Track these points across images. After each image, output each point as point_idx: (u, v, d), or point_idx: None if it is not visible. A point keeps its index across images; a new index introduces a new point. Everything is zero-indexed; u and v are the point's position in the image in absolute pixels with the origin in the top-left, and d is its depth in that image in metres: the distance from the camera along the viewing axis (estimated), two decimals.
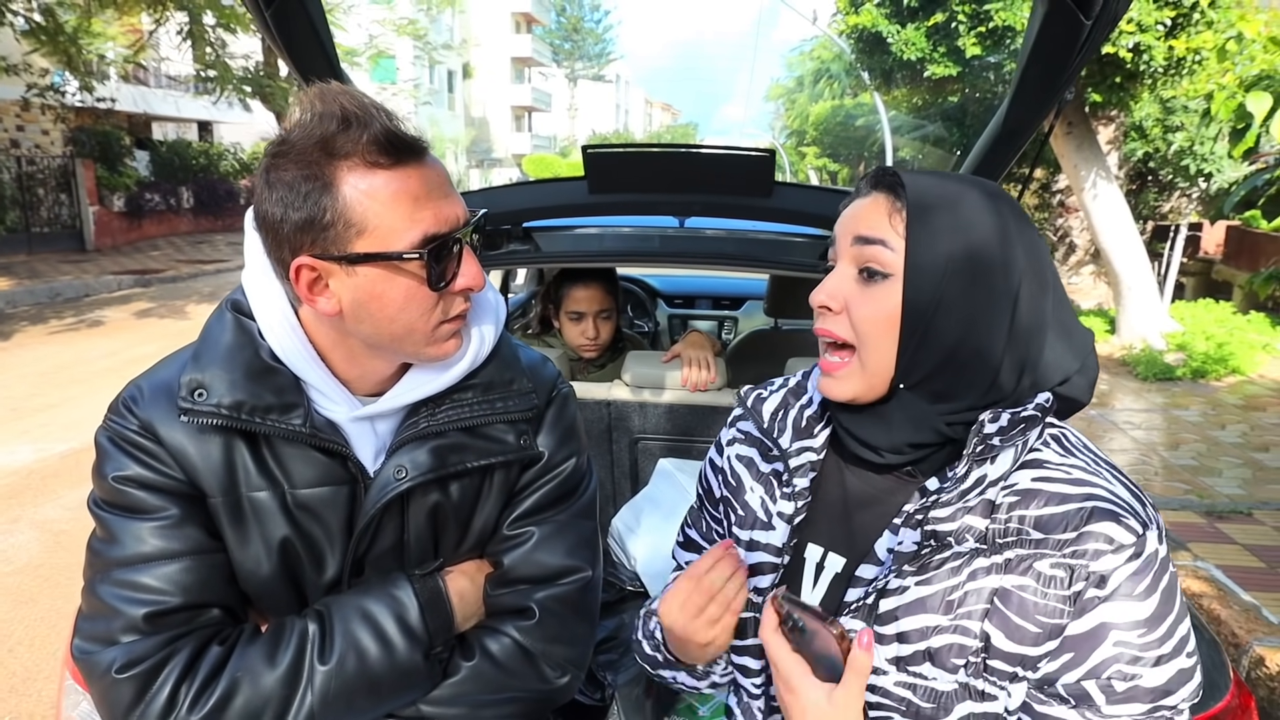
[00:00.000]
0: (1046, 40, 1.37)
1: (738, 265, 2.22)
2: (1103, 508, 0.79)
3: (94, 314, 10.50)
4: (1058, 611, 0.79)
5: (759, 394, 1.08)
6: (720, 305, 4.54)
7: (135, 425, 0.97)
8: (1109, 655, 0.78)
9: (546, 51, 49.89)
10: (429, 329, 0.96)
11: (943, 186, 0.86)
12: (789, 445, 1.00)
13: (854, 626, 0.87)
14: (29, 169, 14.96)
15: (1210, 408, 6.41)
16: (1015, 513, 0.82)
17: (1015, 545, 0.81)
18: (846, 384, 0.89)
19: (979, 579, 0.82)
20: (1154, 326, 8.24)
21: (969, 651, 0.82)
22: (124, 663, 0.90)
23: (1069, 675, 0.79)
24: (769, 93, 48.08)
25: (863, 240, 0.87)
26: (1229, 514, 4.24)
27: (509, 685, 1.05)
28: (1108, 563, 0.77)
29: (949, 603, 0.83)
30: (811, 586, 0.96)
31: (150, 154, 18.55)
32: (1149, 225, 10.97)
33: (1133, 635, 0.77)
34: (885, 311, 0.85)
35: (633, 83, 71.69)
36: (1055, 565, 0.79)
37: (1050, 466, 0.84)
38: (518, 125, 47.74)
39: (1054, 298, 0.87)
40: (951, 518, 0.83)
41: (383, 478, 1.01)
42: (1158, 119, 9.20)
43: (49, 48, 12.20)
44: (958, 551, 0.83)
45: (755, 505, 1.02)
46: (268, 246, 0.94)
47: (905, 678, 0.85)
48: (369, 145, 0.88)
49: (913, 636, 0.84)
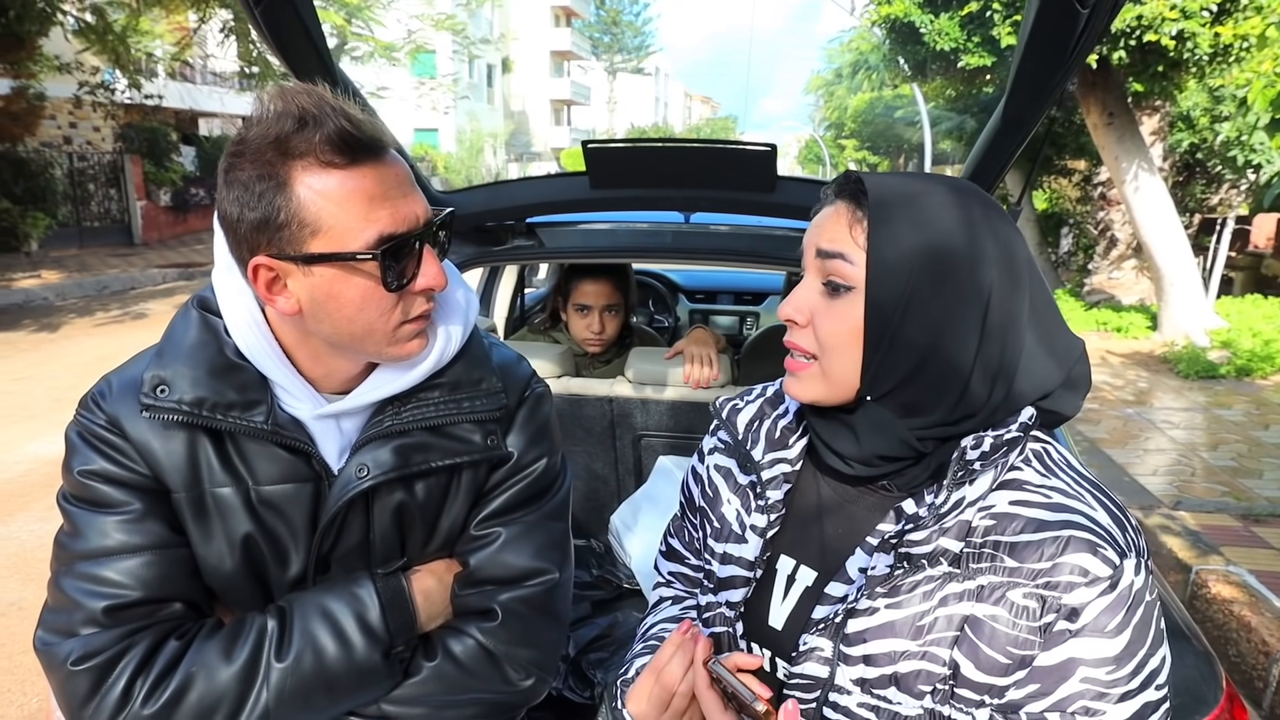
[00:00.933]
0: (1043, 31, 1.33)
1: (744, 261, 2.20)
2: (1079, 537, 0.77)
3: (138, 306, 10.78)
4: (1027, 643, 0.78)
5: (734, 404, 1.06)
6: (742, 300, 4.50)
7: (102, 420, 0.98)
8: (1075, 690, 0.76)
9: (586, 45, 49.95)
10: (389, 329, 0.96)
11: (905, 190, 0.83)
12: (761, 458, 0.98)
13: (820, 645, 0.86)
14: (80, 165, 15.38)
15: (1254, 407, 6.21)
16: (990, 537, 0.81)
17: (989, 572, 0.80)
18: (808, 386, 0.88)
19: (950, 605, 0.80)
20: (1198, 322, 8.00)
21: (936, 678, 0.81)
22: (81, 655, 0.91)
23: (1034, 705, 0.78)
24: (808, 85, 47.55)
25: (823, 254, 0.85)
26: (1267, 517, 4.10)
27: (471, 686, 1.05)
28: (1080, 596, 0.76)
29: (918, 628, 0.81)
30: (782, 599, 0.94)
31: (196, 150, 18.99)
32: (1195, 218, 10.65)
33: (1100, 672, 0.76)
34: (848, 325, 0.83)
35: (672, 75, 71.48)
36: (1028, 595, 0.77)
37: (1029, 489, 0.82)
38: (557, 119, 47.87)
39: (1033, 303, 0.84)
40: (926, 540, 0.82)
41: (345, 476, 1.01)
42: (1205, 109, 8.92)
43: (99, 46, 12.52)
44: (930, 575, 0.82)
45: (730, 517, 1.01)
46: (230, 245, 0.95)
47: (869, 699, 0.84)
48: (323, 144, 0.87)
49: (879, 660, 0.83)
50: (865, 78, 29.09)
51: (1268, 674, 2.88)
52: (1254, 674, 2.94)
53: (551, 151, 44.42)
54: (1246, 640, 3.03)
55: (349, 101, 0.91)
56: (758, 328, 4.28)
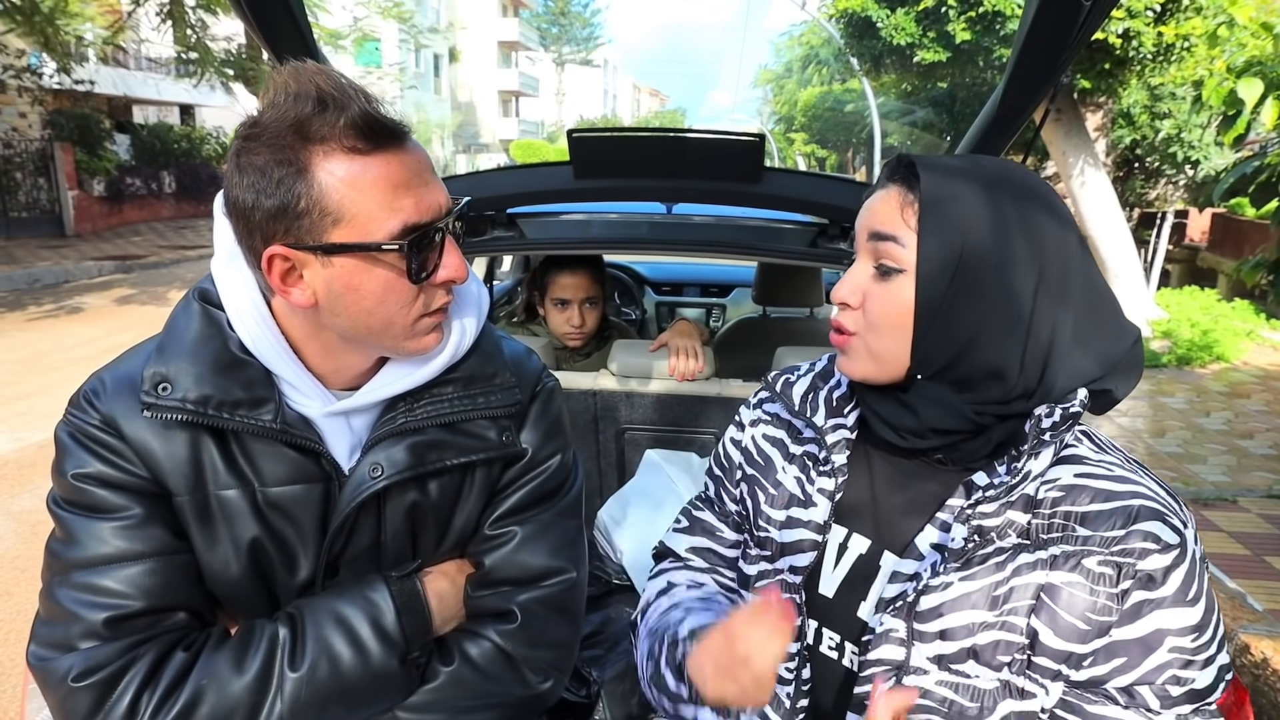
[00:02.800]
0: (1044, 21, 1.34)
1: (726, 252, 2.18)
2: (1149, 506, 0.79)
3: (73, 300, 10.35)
4: (1105, 609, 0.79)
5: (786, 378, 1.07)
6: (709, 292, 4.49)
7: (97, 420, 0.92)
8: (1164, 660, 0.78)
9: (534, 35, 49.49)
10: (408, 322, 0.92)
11: (960, 175, 0.84)
12: (824, 423, 0.98)
13: (894, 626, 0.86)
14: (5, 153, 14.69)
15: (1195, 395, 6.44)
16: (1060, 508, 0.82)
17: (1061, 541, 0.81)
18: (858, 363, 0.90)
19: (1024, 574, 0.81)
20: (1140, 313, 8.26)
21: (1015, 648, 0.81)
22: (82, 670, 0.85)
23: (1121, 679, 0.79)
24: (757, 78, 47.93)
25: (876, 236, 0.87)
26: (1214, 501, 4.26)
27: (489, 691, 1.01)
28: (1155, 562, 0.77)
29: (994, 598, 0.82)
30: (833, 567, 0.95)
31: (131, 138, 18.26)
32: (1135, 212, 11.00)
33: (1186, 640, 0.78)
34: (899, 306, 0.85)
35: (620, 68, 71.24)
36: (1103, 562, 0.79)
37: (1090, 463, 0.84)
38: (505, 110, 47.36)
39: (1086, 286, 0.85)
40: (996, 513, 0.83)
41: (357, 476, 0.96)
42: (1145, 106, 9.20)
43: (24, 28, 11.95)
44: (1000, 547, 0.83)
45: (790, 484, 1.01)
46: (238, 234, 0.89)
47: (947, 676, 0.84)
48: (346, 129, 0.83)
49: (957, 633, 0.83)
50: (815, 72, 29.39)
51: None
52: None
53: (500, 143, 43.96)
54: None
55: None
56: (725, 320, 4.28)
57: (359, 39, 18.23)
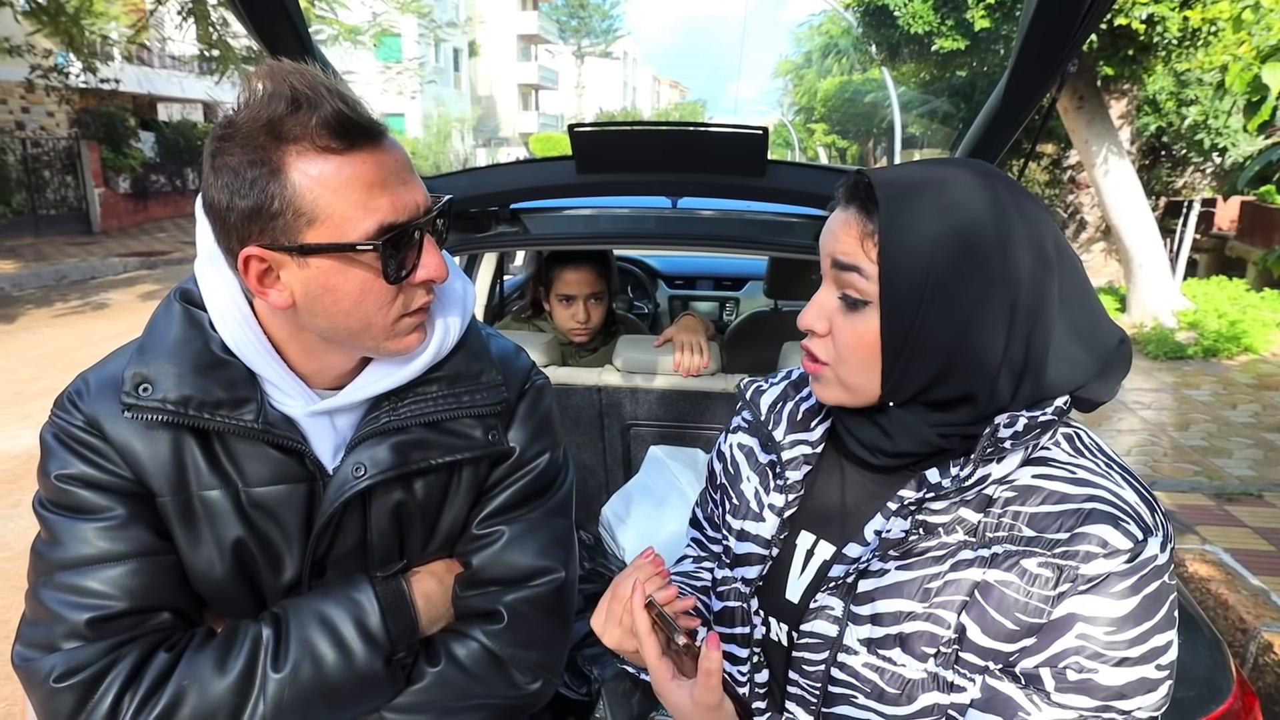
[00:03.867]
0: (1048, 9, 1.31)
1: (733, 247, 2.16)
2: (1102, 510, 0.76)
3: (99, 296, 10.50)
4: (1038, 610, 0.76)
5: (759, 386, 1.07)
6: (722, 286, 4.47)
7: (80, 421, 0.93)
8: (1069, 645, 0.75)
9: (553, 28, 49.43)
10: (388, 323, 0.91)
11: (920, 183, 0.81)
12: (782, 438, 0.98)
13: (831, 604, 0.86)
14: (34, 151, 14.92)
15: (1222, 387, 6.32)
16: (1010, 508, 0.80)
17: (1005, 541, 0.79)
18: (829, 391, 0.89)
19: (960, 570, 0.80)
20: (1165, 304, 8.12)
21: (940, 641, 0.80)
22: (64, 670, 0.86)
23: (1028, 661, 0.77)
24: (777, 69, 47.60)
25: (838, 265, 0.84)
26: (1239, 496, 4.18)
27: (476, 692, 1.01)
28: (1098, 566, 0.74)
29: (926, 590, 0.81)
30: (800, 573, 0.94)
31: (155, 135, 18.49)
32: (1161, 201, 10.81)
33: (1097, 630, 0.75)
34: (866, 339, 0.83)
35: (640, 60, 71.07)
36: (1043, 564, 0.76)
37: (1055, 465, 0.81)
38: (524, 104, 47.38)
39: (1063, 289, 0.81)
40: (945, 510, 0.82)
41: (341, 476, 0.96)
42: (1171, 92, 9.02)
43: (51, 28, 12.11)
44: (944, 541, 0.82)
45: (749, 495, 1.01)
46: (216, 235, 0.89)
47: (874, 660, 0.83)
48: (319, 128, 0.82)
49: (885, 619, 0.82)
50: (835, 61, 29.15)
51: (1245, 650, 2.93)
52: (1232, 650, 2.98)
53: (520, 137, 44.01)
54: (1224, 618, 3.08)
55: (340, 82, 0.86)
56: (738, 313, 4.26)
57: (378, 34, 18.31)
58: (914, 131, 18.75)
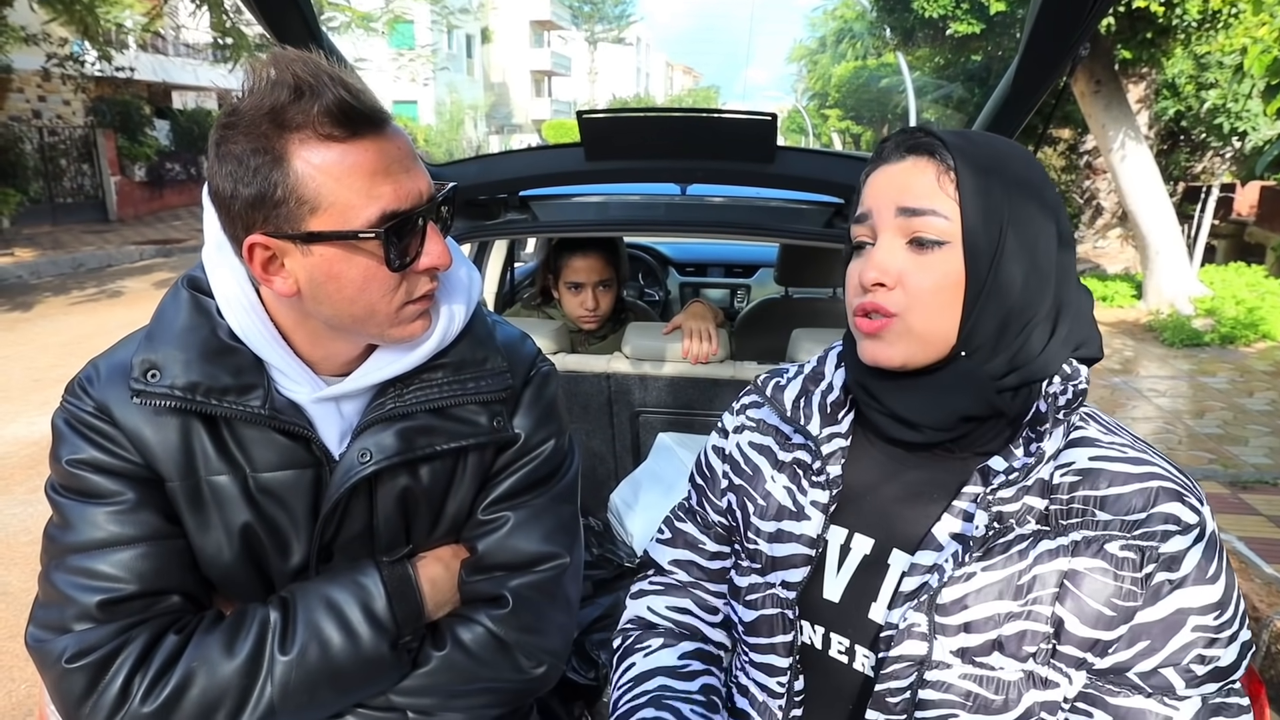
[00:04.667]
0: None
1: (742, 233, 2.16)
2: (1167, 487, 0.79)
3: (115, 284, 10.59)
4: (1131, 594, 0.77)
5: (777, 382, 1.03)
6: (733, 273, 4.46)
7: (90, 407, 0.94)
8: (1189, 640, 0.77)
9: (566, 14, 49.19)
10: (392, 310, 0.92)
11: (987, 146, 0.85)
12: (819, 432, 0.95)
13: (916, 620, 0.82)
14: (51, 140, 15.03)
15: (1239, 374, 6.26)
16: (1079, 493, 0.80)
17: (1081, 526, 0.79)
18: (897, 347, 0.84)
19: (1046, 562, 0.79)
20: (1182, 291, 8.04)
21: (1040, 638, 0.79)
22: (75, 652, 0.87)
23: (1144, 664, 0.78)
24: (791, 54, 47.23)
25: (909, 211, 0.82)
26: (1254, 484, 4.15)
27: (482, 675, 1.02)
28: (1176, 544, 0.76)
29: (1018, 587, 0.79)
30: (836, 571, 0.91)
31: (170, 123, 18.57)
32: (1180, 186, 10.68)
33: (1209, 618, 0.77)
34: (950, 279, 0.81)
35: (653, 46, 70.65)
36: (1125, 546, 0.77)
37: (1103, 445, 0.83)
38: (537, 90, 47.23)
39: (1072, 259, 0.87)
40: (1014, 498, 0.81)
41: (346, 462, 0.97)
42: (1191, 76, 8.89)
43: (66, 16, 12.16)
44: (1021, 534, 0.81)
45: (780, 495, 0.97)
46: (221, 223, 0.89)
47: (971, 669, 0.81)
48: (321, 116, 0.82)
49: (981, 625, 0.80)
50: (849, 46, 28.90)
51: (1258, 639, 2.92)
52: None
53: (533, 123, 43.90)
54: None
55: (346, 69, 0.86)
56: (749, 300, 4.25)
57: (391, 21, 18.28)
58: (929, 117, 18.59)
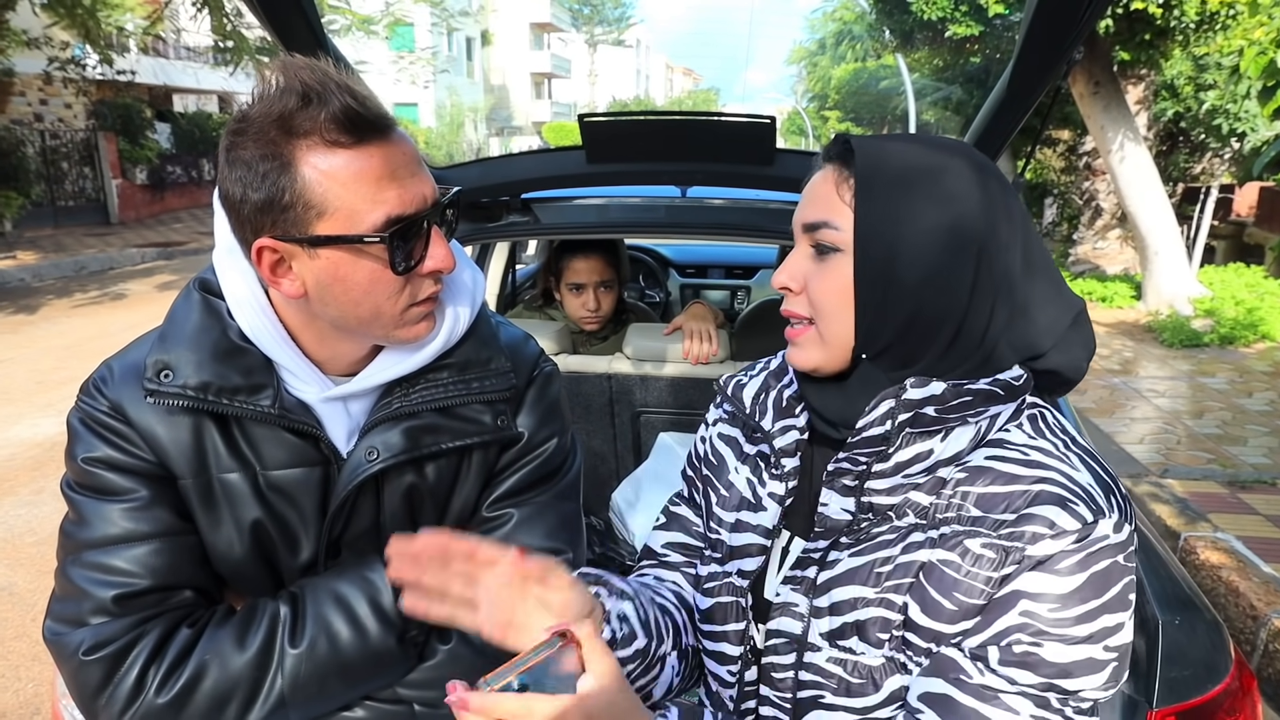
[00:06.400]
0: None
1: (742, 235, 2.18)
2: (1051, 491, 0.75)
3: (117, 287, 10.62)
4: (978, 591, 0.75)
5: (739, 380, 1.05)
6: (733, 274, 4.48)
7: (105, 406, 0.96)
8: (1014, 623, 0.74)
9: (565, 16, 49.28)
10: (397, 312, 0.94)
11: (893, 150, 0.83)
12: (771, 427, 0.97)
13: (793, 599, 0.86)
14: (53, 143, 15.08)
15: (1238, 375, 6.28)
16: (960, 489, 0.79)
17: (953, 521, 0.78)
18: (807, 351, 0.87)
19: (912, 552, 0.80)
20: (1181, 291, 8.06)
21: (892, 625, 0.80)
22: (92, 645, 0.90)
23: (973, 639, 0.76)
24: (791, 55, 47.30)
25: (808, 226, 0.85)
26: (1252, 484, 4.16)
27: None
28: (1045, 547, 0.73)
29: (877, 574, 0.81)
30: (777, 571, 0.93)
31: (171, 126, 18.62)
32: (1179, 187, 10.70)
33: (1042, 608, 0.73)
34: (839, 285, 0.83)
35: (653, 48, 70.72)
36: (987, 545, 0.76)
37: (1010, 446, 0.81)
38: (537, 92, 47.30)
39: (1026, 259, 0.82)
40: (891, 491, 0.82)
41: (354, 460, 0.99)
42: (1189, 77, 8.91)
43: (68, 20, 12.21)
44: (895, 525, 0.82)
45: (741, 486, 1.00)
46: (232, 226, 0.92)
47: (836, 653, 0.83)
48: (328, 123, 0.85)
49: (843, 608, 0.82)
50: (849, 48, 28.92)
51: (1255, 637, 2.93)
52: (1242, 637, 2.99)
53: (533, 125, 43.96)
54: (1235, 605, 3.08)
55: (352, 76, 0.89)
56: (749, 302, 4.27)
57: (391, 24, 18.31)
58: (928, 118, 18.62)
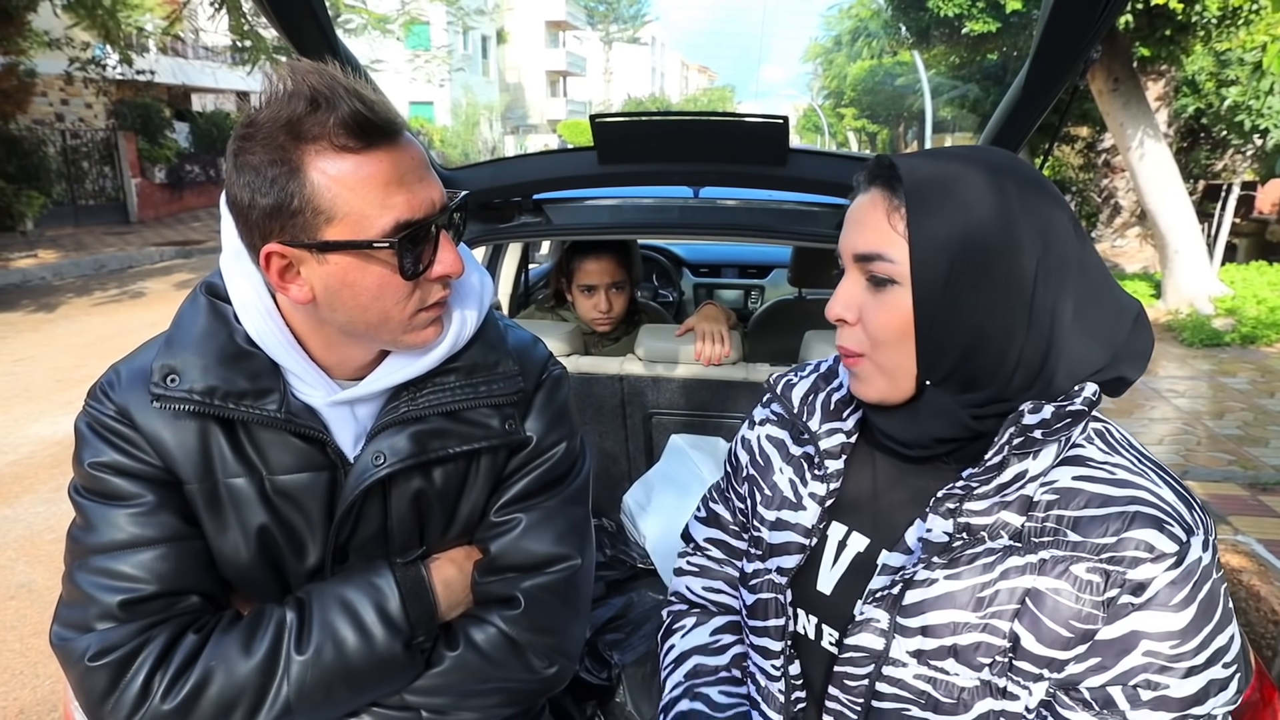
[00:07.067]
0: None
1: (755, 236, 2.16)
2: (1145, 513, 0.77)
3: (136, 285, 10.72)
4: (1091, 617, 0.77)
5: (789, 380, 1.07)
6: (746, 274, 4.46)
7: (112, 411, 0.96)
8: (1137, 664, 0.76)
9: (581, 14, 49.26)
10: (405, 317, 0.93)
11: (941, 172, 0.82)
12: (818, 428, 0.98)
13: (876, 616, 0.86)
14: (73, 142, 15.23)
15: (1259, 375, 6.20)
16: (1053, 511, 0.80)
17: (1051, 545, 0.79)
18: (872, 384, 0.88)
19: (1011, 578, 0.80)
20: (1202, 290, 7.96)
21: (996, 650, 0.80)
22: (98, 650, 0.90)
23: (1095, 679, 0.78)
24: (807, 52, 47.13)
25: (861, 257, 0.85)
26: (1274, 486, 4.10)
27: (494, 675, 1.03)
28: (1146, 571, 0.75)
29: (979, 600, 0.81)
30: (831, 564, 0.95)
31: (190, 125, 18.76)
32: (1200, 184, 10.56)
33: (1164, 645, 0.75)
34: (898, 319, 0.83)
35: (668, 45, 70.62)
36: (1091, 570, 0.77)
37: (1093, 465, 0.81)
38: (553, 90, 47.32)
39: (1081, 269, 0.82)
40: (987, 511, 0.81)
41: (361, 464, 0.99)
42: (1211, 73, 8.79)
43: (88, 21, 12.31)
44: (990, 548, 0.81)
45: (784, 486, 1.01)
46: (239, 231, 0.91)
47: (926, 671, 0.83)
48: (336, 128, 0.84)
49: (939, 631, 0.82)
50: (865, 45, 28.77)
51: (1277, 642, 2.89)
52: (1263, 642, 2.95)
53: (548, 124, 44.00)
54: (1255, 609, 3.03)
55: (361, 81, 0.88)
56: (763, 301, 4.25)
57: (407, 23, 18.36)
58: (945, 115, 18.48)
